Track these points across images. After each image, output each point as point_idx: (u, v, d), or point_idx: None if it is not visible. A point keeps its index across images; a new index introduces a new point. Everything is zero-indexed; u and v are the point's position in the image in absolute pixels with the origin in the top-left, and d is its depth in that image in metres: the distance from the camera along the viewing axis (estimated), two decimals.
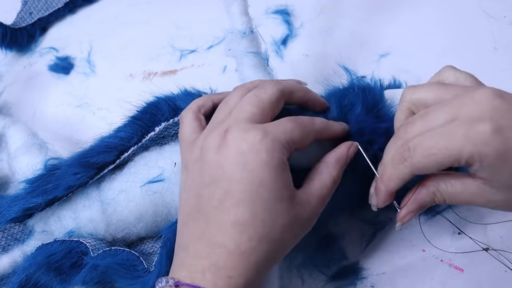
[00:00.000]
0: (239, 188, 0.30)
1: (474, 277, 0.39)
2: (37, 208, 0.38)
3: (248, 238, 0.30)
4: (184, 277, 0.30)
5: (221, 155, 0.31)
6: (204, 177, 0.32)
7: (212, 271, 0.30)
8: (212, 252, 0.30)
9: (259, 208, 0.30)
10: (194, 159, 0.33)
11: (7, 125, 0.49)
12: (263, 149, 0.31)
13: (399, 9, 0.57)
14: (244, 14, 0.44)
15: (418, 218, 0.42)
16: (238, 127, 0.32)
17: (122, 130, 0.40)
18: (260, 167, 0.30)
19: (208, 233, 0.31)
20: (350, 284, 0.40)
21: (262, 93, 0.34)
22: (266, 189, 0.30)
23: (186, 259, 0.31)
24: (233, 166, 0.31)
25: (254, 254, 0.30)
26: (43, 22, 0.66)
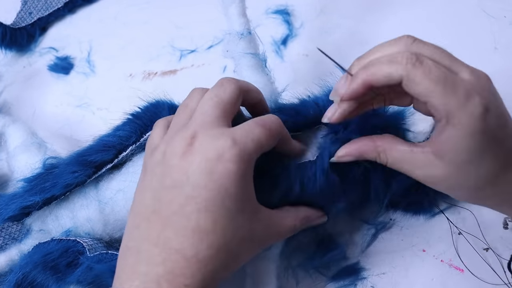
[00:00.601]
0: (203, 195, 0.30)
1: (474, 277, 0.39)
2: (34, 207, 0.38)
3: (207, 246, 0.30)
4: (137, 287, 0.29)
5: (187, 161, 0.30)
6: (165, 181, 0.31)
7: (168, 279, 0.29)
8: (168, 258, 0.29)
9: (221, 217, 0.30)
10: (155, 162, 0.32)
11: (7, 124, 0.49)
12: (231, 159, 0.30)
13: (399, 9, 0.57)
14: (242, 15, 0.44)
15: (418, 218, 0.42)
16: (205, 133, 0.31)
17: (121, 129, 0.40)
18: (227, 176, 0.30)
19: (164, 237, 0.30)
20: (350, 285, 0.40)
21: (222, 92, 0.33)
22: (230, 199, 0.30)
23: (138, 265, 0.30)
24: (199, 173, 0.30)
25: (212, 263, 0.30)
26: (43, 22, 0.66)
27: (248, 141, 0.31)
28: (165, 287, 0.29)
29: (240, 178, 0.30)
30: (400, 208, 0.43)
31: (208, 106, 0.32)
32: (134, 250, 0.31)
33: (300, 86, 0.44)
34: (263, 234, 0.33)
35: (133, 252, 0.31)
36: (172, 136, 0.32)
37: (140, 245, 0.30)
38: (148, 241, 0.30)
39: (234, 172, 0.30)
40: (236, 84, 0.34)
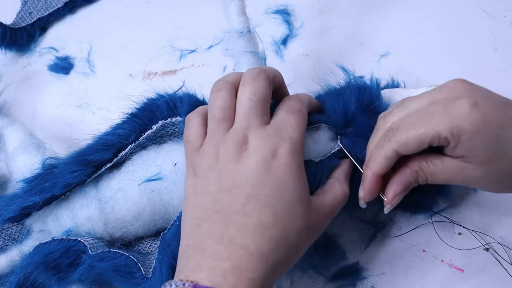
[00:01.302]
0: (263, 192, 0.31)
1: (474, 277, 0.39)
2: (34, 207, 0.38)
3: (268, 240, 0.31)
4: (203, 280, 0.30)
5: (243, 164, 0.32)
6: (223, 183, 0.32)
7: (234, 273, 0.30)
8: (232, 254, 0.30)
9: (281, 211, 0.31)
10: (207, 166, 0.33)
11: (5, 125, 0.49)
12: (285, 154, 0.32)
13: (399, 9, 0.57)
14: (241, 14, 0.44)
15: (417, 218, 0.42)
16: (255, 135, 0.33)
17: (120, 128, 0.40)
18: (283, 170, 0.32)
19: (228, 234, 0.31)
20: (350, 285, 0.40)
21: (257, 89, 0.34)
22: (289, 192, 0.32)
23: (203, 261, 0.31)
24: (257, 173, 0.32)
25: (273, 257, 0.31)
26: (43, 22, 0.66)
27: (292, 132, 0.33)
28: (230, 280, 0.30)
29: (296, 170, 0.32)
30: (399, 207, 0.42)
31: (250, 108, 0.34)
32: (197, 248, 0.32)
33: (300, 86, 0.44)
34: (319, 220, 0.34)
35: (196, 249, 0.32)
36: (220, 140, 0.34)
37: (204, 243, 0.31)
38: (212, 239, 0.31)
39: (289, 165, 0.32)
40: (266, 77, 0.35)
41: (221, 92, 0.35)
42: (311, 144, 0.37)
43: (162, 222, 0.40)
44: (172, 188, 0.39)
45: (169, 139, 0.42)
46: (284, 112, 0.34)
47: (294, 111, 0.34)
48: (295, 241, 0.32)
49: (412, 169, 0.34)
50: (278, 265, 0.31)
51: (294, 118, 0.34)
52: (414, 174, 0.34)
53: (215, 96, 0.35)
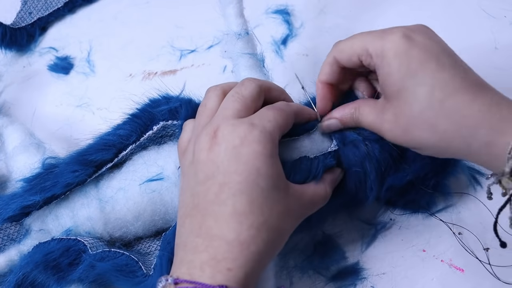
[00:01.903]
0: (235, 179, 0.31)
1: (474, 277, 0.39)
2: (34, 206, 0.38)
3: (247, 227, 0.30)
4: (183, 274, 0.30)
5: (213, 152, 0.32)
6: (198, 176, 0.32)
7: (211, 264, 0.30)
8: (210, 245, 0.30)
9: (256, 197, 0.31)
10: (187, 163, 0.34)
11: (5, 125, 0.49)
12: (255, 141, 0.32)
13: (399, 9, 0.57)
14: (239, 16, 0.44)
15: (416, 217, 0.42)
16: (226, 124, 0.33)
17: (121, 128, 0.40)
18: (254, 157, 0.31)
19: (205, 226, 0.31)
20: (350, 285, 0.40)
21: (243, 89, 0.35)
22: (262, 178, 0.31)
23: (185, 256, 0.31)
24: (227, 161, 0.31)
25: (254, 244, 0.31)
26: (43, 22, 0.66)
27: (265, 122, 0.33)
28: (207, 271, 0.30)
29: (268, 156, 0.32)
30: (398, 207, 0.43)
31: (229, 102, 0.34)
32: (181, 245, 0.32)
33: (300, 86, 0.44)
34: (298, 206, 0.34)
35: (181, 247, 0.32)
36: (197, 135, 0.34)
37: (186, 240, 0.32)
38: (192, 234, 0.32)
39: (260, 152, 0.32)
40: (256, 83, 0.36)
41: (209, 93, 0.36)
42: (307, 142, 0.37)
43: (162, 223, 0.40)
44: (173, 189, 0.39)
45: (169, 140, 0.42)
46: (264, 108, 0.34)
47: (274, 108, 0.34)
48: (275, 225, 0.32)
49: (352, 105, 0.37)
50: (261, 252, 0.31)
51: (272, 111, 0.34)
52: (351, 109, 0.36)
53: (204, 98, 0.37)
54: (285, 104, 0.36)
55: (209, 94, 0.36)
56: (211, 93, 0.36)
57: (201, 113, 0.36)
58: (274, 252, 0.33)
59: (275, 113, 0.34)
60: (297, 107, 0.37)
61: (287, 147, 0.37)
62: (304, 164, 0.36)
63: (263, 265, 0.32)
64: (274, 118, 0.33)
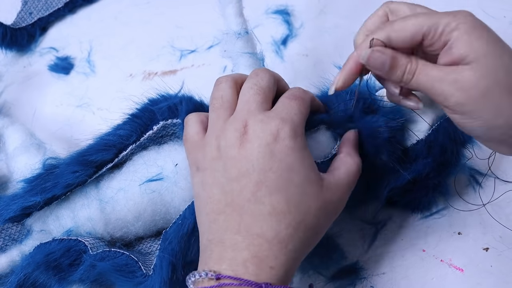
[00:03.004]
0: (271, 177, 0.31)
1: (474, 277, 0.39)
2: (35, 207, 0.38)
3: (285, 226, 0.31)
4: (225, 270, 0.30)
5: (246, 149, 0.32)
6: (230, 173, 0.32)
7: (254, 262, 0.30)
8: (251, 243, 0.30)
9: (292, 194, 0.31)
10: (210, 158, 0.33)
11: (5, 125, 0.49)
12: (287, 136, 0.32)
13: None
14: (239, 15, 0.44)
15: (416, 217, 0.42)
16: (255, 119, 0.32)
17: (121, 128, 0.40)
18: (287, 153, 0.31)
19: (244, 224, 0.31)
20: (349, 284, 0.40)
21: (260, 80, 0.35)
22: (296, 173, 0.31)
23: (224, 253, 0.31)
24: (262, 157, 0.31)
25: (292, 242, 0.31)
26: (43, 22, 0.66)
27: (293, 115, 0.33)
28: (251, 269, 0.30)
29: (300, 151, 0.32)
30: (399, 207, 0.43)
31: (250, 95, 0.34)
32: (216, 241, 0.32)
33: (300, 86, 0.44)
34: (335, 195, 0.33)
35: (216, 243, 0.32)
36: (221, 129, 0.33)
37: (222, 236, 0.31)
38: (229, 231, 0.31)
39: (292, 148, 0.32)
40: (269, 72, 0.36)
41: (221, 84, 0.35)
42: (313, 145, 0.37)
43: (163, 223, 0.40)
44: (173, 189, 0.39)
45: (169, 140, 0.42)
46: (285, 99, 0.34)
47: (295, 97, 0.34)
48: (312, 223, 0.32)
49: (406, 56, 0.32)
50: (298, 250, 0.31)
51: (295, 103, 0.34)
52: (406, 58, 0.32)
53: (215, 89, 0.36)
54: (303, 91, 0.35)
55: (222, 85, 0.35)
56: (223, 84, 0.35)
57: (218, 106, 0.35)
58: (310, 249, 0.33)
59: (298, 103, 0.34)
60: (311, 94, 0.37)
61: None
62: None
63: (299, 261, 0.32)
64: (299, 109, 0.33)
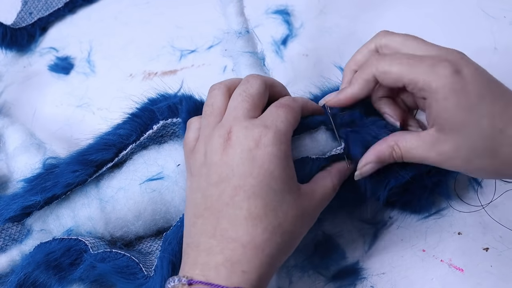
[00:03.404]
0: (250, 183, 0.31)
1: (474, 277, 0.39)
2: (35, 207, 0.38)
3: (262, 230, 0.31)
4: (197, 275, 0.30)
5: (228, 154, 0.32)
6: (211, 178, 0.32)
7: (226, 266, 0.30)
8: (225, 247, 0.31)
9: (271, 200, 0.31)
10: (198, 164, 0.34)
11: (5, 125, 0.49)
12: (269, 143, 0.32)
13: (399, 9, 0.57)
14: (240, 14, 0.44)
15: (415, 217, 0.42)
16: (239, 126, 0.32)
17: (121, 127, 0.40)
18: (268, 159, 0.32)
19: (220, 229, 0.31)
20: (350, 284, 0.40)
21: (250, 87, 0.35)
22: (276, 181, 0.32)
23: (198, 257, 0.31)
24: (242, 163, 0.31)
25: (268, 247, 0.31)
26: (43, 22, 0.66)
27: (278, 123, 0.33)
28: (223, 273, 0.30)
29: (282, 159, 0.32)
30: (398, 207, 0.43)
31: (238, 102, 0.34)
32: (193, 245, 0.32)
33: (300, 86, 0.44)
34: (310, 206, 0.34)
35: (193, 247, 0.32)
36: (207, 135, 0.34)
37: (198, 240, 0.32)
38: (205, 235, 0.32)
39: (274, 155, 0.32)
40: (261, 79, 0.35)
41: (214, 91, 0.36)
42: (309, 142, 0.37)
43: (163, 222, 0.40)
44: (174, 188, 0.39)
45: (169, 139, 0.42)
46: (273, 107, 0.34)
47: (283, 105, 0.34)
48: (289, 229, 0.32)
49: (388, 143, 0.35)
50: (274, 255, 0.32)
51: (282, 110, 0.34)
52: (389, 148, 0.34)
53: (208, 96, 0.36)
54: (292, 100, 0.35)
55: (214, 92, 0.36)
56: (216, 91, 0.36)
57: (208, 113, 0.35)
58: (286, 255, 0.33)
59: (285, 111, 0.34)
60: (303, 101, 0.36)
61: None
62: (306, 164, 0.36)
63: (275, 267, 0.32)
64: (286, 117, 0.33)
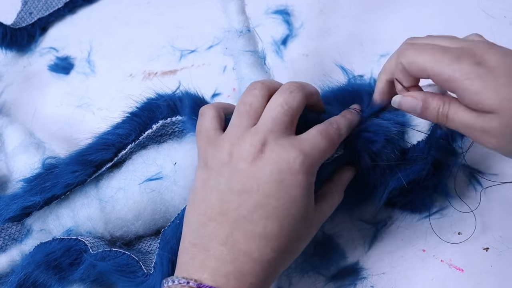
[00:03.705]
0: (272, 203, 0.31)
1: (474, 277, 0.39)
2: (35, 207, 0.38)
3: (272, 249, 0.32)
4: (206, 280, 0.31)
5: (257, 167, 0.32)
6: (233, 184, 0.32)
7: (236, 276, 0.31)
8: (237, 258, 0.31)
9: (287, 224, 0.32)
10: (220, 161, 0.33)
11: (4, 125, 0.49)
12: (301, 171, 0.32)
13: (399, 10, 0.57)
14: (241, 13, 0.44)
15: (415, 217, 0.42)
16: (275, 142, 0.32)
17: (120, 127, 0.40)
18: (295, 187, 0.32)
19: (233, 239, 0.31)
20: (350, 285, 0.40)
21: (292, 100, 0.34)
22: (297, 208, 0.32)
23: (207, 261, 0.31)
24: (269, 182, 0.31)
25: (275, 264, 0.32)
26: (43, 22, 0.66)
27: (316, 153, 0.33)
28: (232, 283, 0.31)
29: (307, 189, 0.32)
30: (398, 207, 0.43)
31: (278, 113, 0.33)
32: (201, 247, 0.32)
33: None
34: (320, 222, 0.36)
35: (201, 249, 0.32)
36: (238, 137, 0.33)
37: (208, 244, 0.32)
38: (216, 240, 0.32)
39: (302, 184, 0.32)
40: (303, 91, 0.35)
41: (255, 90, 0.35)
42: None
43: (163, 222, 0.40)
44: (173, 188, 0.39)
45: (169, 139, 0.42)
46: (317, 133, 0.33)
47: (328, 136, 0.33)
48: (295, 249, 0.34)
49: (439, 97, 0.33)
50: (277, 270, 0.33)
51: (325, 142, 0.33)
52: (439, 101, 0.33)
53: (248, 93, 0.35)
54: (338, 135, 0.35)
55: (255, 92, 0.35)
56: (257, 91, 0.35)
57: (243, 111, 0.34)
58: (285, 267, 0.34)
59: (327, 145, 0.33)
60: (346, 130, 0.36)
61: None
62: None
63: (275, 278, 0.34)
64: (325, 150, 0.33)
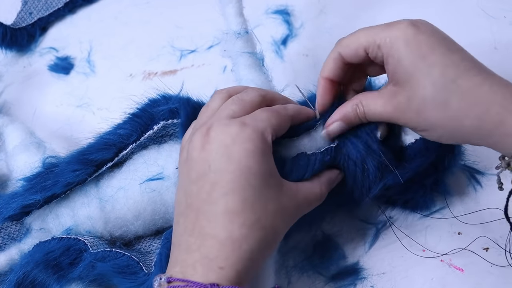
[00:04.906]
0: (227, 178, 0.31)
1: (474, 277, 0.39)
2: (35, 206, 0.38)
3: (239, 225, 0.31)
4: (176, 273, 0.31)
5: (205, 151, 0.32)
6: (190, 175, 0.32)
7: (203, 263, 0.30)
8: (202, 244, 0.31)
9: (248, 195, 0.31)
10: (182, 161, 0.34)
11: (5, 124, 0.49)
12: (246, 139, 0.32)
13: (399, 10, 0.57)
14: (239, 15, 0.44)
15: (415, 216, 0.42)
16: (219, 123, 0.33)
17: (122, 127, 0.40)
18: (246, 155, 0.31)
19: (199, 225, 0.31)
20: (350, 284, 0.40)
21: (244, 95, 0.35)
22: (254, 176, 0.31)
23: (179, 255, 0.32)
24: (219, 159, 0.31)
25: (246, 242, 0.31)
26: (43, 22, 0.66)
27: (258, 122, 0.33)
28: (200, 270, 0.30)
29: (259, 155, 0.32)
30: (398, 206, 0.43)
31: (228, 104, 0.35)
32: (176, 244, 0.33)
33: (299, 86, 0.44)
34: (292, 205, 0.34)
35: (176, 246, 0.33)
36: (192, 133, 0.34)
37: (180, 239, 0.32)
38: (185, 233, 0.32)
39: (251, 150, 0.32)
40: (259, 91, 0.36)
41: (215, 95, 0.37)
42: (307, 142, 0.37)
43: (162, 222, 0.40)
44: (173, 188, 0.39)
45: (169, 139, 0.42)
46: (258, 110, 0.34)
47: (268, 110, 0.34)
48: (269, 224, 0.32)
49: (352, 102, 0.36)
50: (254, 250, 0.31)
51: (265, 113, 0.34)
52: (353, 106, 0.36)
53: (210, 100, 0.37)
54: (282, 107, 0.36)
55: (215, 95, 0.36)
56: (216, 95, 0.36)
57: (202, 113, 0.36)
58: (268, 251, 0.33)
59: (268, 114, 0.34)
60: (294, 111, 0.36)
61: (287, 146, 0.37)
62: (301, 160, 0.36)
63: (256, 263, 0.32)
64: (268, 118, 0.33)
